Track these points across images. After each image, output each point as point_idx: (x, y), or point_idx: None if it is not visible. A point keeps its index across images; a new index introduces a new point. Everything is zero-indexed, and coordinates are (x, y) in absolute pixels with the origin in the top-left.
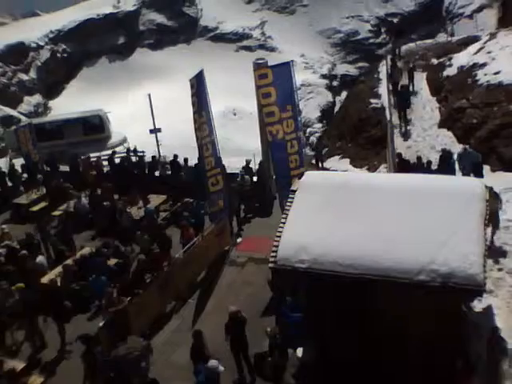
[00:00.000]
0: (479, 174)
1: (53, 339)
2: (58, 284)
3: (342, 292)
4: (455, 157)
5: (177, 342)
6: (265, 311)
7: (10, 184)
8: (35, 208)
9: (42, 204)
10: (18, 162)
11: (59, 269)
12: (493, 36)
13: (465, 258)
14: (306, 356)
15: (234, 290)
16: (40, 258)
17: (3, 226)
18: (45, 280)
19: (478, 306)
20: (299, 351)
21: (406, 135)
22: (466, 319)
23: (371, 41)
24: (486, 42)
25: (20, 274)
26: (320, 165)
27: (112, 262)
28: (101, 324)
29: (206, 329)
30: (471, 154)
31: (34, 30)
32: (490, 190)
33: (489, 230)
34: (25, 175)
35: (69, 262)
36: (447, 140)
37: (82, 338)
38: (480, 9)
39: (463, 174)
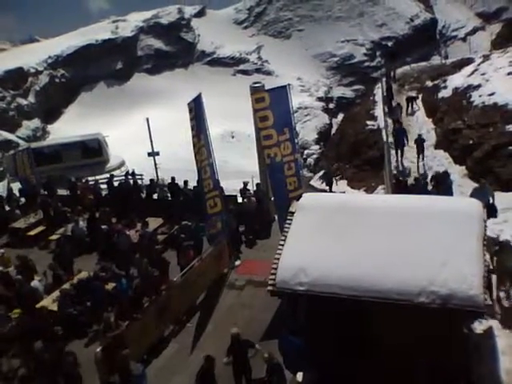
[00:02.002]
0: (493, 215)
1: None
2: (55, 309)
3: (341, 314)
4: (452, 177)
5: (175, 366)
6: (264, 335)
7: (7, 208)
8: (32, 232)
9: (40, 228)
10: (16, 187)
11: (56, 293)
12: (486, 58)
13: (464, 279)
14: (305, 380)
15: (232, 313)
16: (35, 283)
17: (0, 251)
18: (40, 305)
19: (478, 327)
20: (299, 376)
21: (402, 157)
22: (468, 341)
23: (366, 64)
24: (479, 64)
25: (16, 299)
26: (330, 188)
27: (110, 286)
28: (98, 349)
29: (205, 353)
30: (487, 190)
31: (33, 55)
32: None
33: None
34: (22, 199)
35: (66, 286)
36: (444, 161)
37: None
38: (473, 31)
39: None
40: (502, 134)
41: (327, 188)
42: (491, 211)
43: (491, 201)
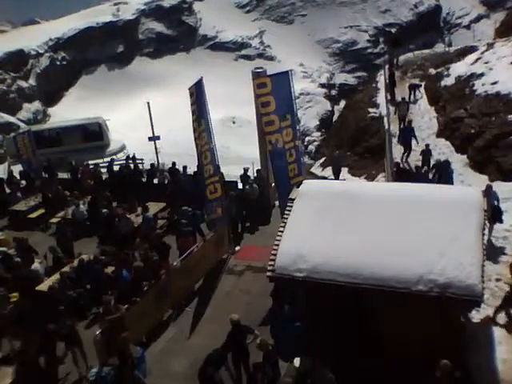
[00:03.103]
0: (499, 219)
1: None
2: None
3: (340, 301)
4: (453, 166)
5: (174, 350)
6: (262, 320)
7: (8, 191)
8: (33, 215)
9: (40, 211)
10: (17, 169)
11: (56, 276)
12: (490, 46)
13: (463, 268)
14: (303, 366)
15: (231, 298)
16: (36, 265)
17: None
18: (41, 287)
19: (476, 316)
20: (296, 361)
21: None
22: (465, 329)
23: (369, 50)
24: (483, 53)
25: (15, 282)
26: (337, 177)
27: (109, 269)
28: (98, 332)
29: (203, 337)
30: (493, 194)
31: (34, 37)
32: None
33: None
34: (23, 182)
35: (66, 269)
36: (445, 149)
37: None
38: (477, 19)
39: None
40: (505, 124)
41: (333, 176)
42: (497, 215)
43: (496, 203)
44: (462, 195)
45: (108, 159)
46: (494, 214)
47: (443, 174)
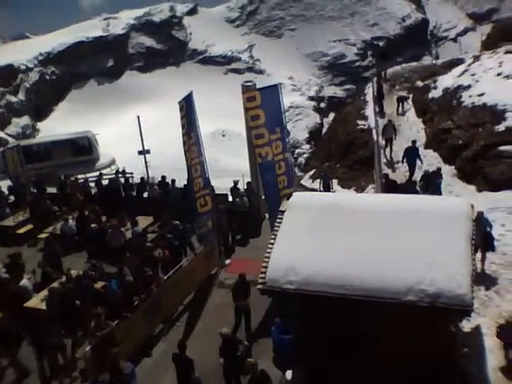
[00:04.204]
0: (491, 247)
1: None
2: (43, 307)
3: (331, 313)
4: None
5: (165, 365)
6: (254, 333)
7: None
8: (21, 230)
9: (29, 226)
10: (5, 184)
11: (45, 292)
12: (476, 59)
13: (452, 278)
14: (295, 378)
15: (222, 312)
16: (24, 282)
17: None
18: (30, 304)
19: (466, 325)
20: (288, 374)
21: (392, 156)
22: (455, 339)
23: (358, 63)
24: (470, 65)
25: (2, 299)
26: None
27: (99, 284)
28: (88, 348)
29: (194, 352)
30: (485, 221)
31: (24, 52)
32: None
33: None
34: (11, 197)
35: (55, 285)
36: (433, 160)
37: None
38: (464, 32)
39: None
40: (491, 135)
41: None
42: (489, 242)
43: (488, 230)
44: (450, 205)
45: (97, 173)
46: (485, 242)
47: (431, 184)
